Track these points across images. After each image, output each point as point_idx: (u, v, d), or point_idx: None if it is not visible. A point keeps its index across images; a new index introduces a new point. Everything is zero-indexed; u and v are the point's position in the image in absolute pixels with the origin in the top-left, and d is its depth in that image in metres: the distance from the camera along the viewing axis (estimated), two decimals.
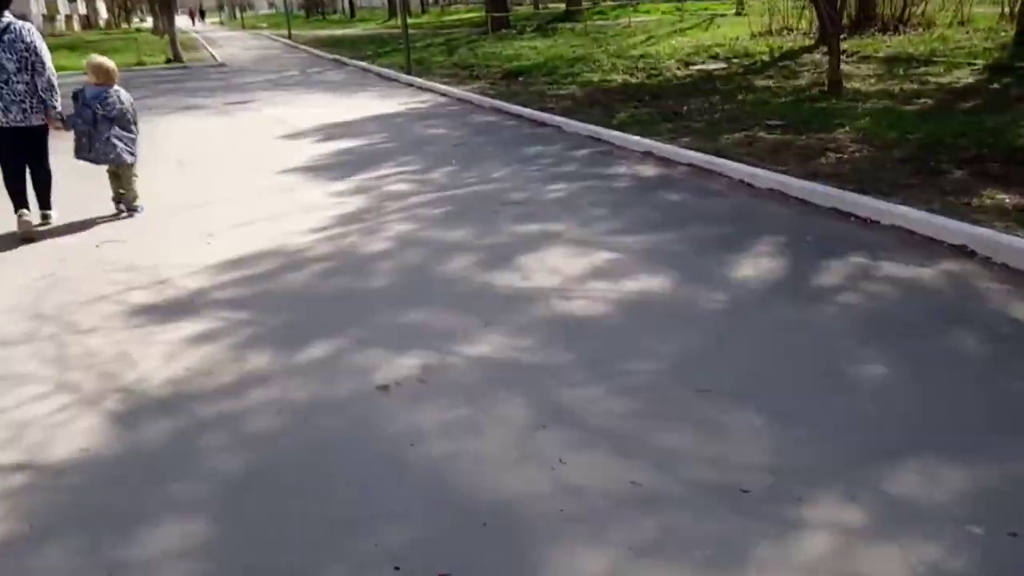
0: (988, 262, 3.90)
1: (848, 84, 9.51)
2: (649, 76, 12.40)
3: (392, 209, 5.59)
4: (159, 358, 3.28)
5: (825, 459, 2.32)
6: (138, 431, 2.69)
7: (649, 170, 6.39)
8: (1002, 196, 4.72)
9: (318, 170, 7.05)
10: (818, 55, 12.92)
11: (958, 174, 5.30)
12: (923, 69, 10.51)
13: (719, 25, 20.81)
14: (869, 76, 10.27)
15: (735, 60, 13.49)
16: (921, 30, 14.62)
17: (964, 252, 4.04)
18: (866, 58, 12.19)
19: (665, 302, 3.66)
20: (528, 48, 18.57)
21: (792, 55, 13.40)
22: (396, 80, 15.07)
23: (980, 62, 10.50)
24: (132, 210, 5.71)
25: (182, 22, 66.22)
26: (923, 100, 8.28)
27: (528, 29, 24.03)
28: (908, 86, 9.21)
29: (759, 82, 10.63)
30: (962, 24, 14.80)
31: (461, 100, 11.59)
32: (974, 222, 4.25)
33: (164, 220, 5.57)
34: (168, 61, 20.18)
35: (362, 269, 4.34)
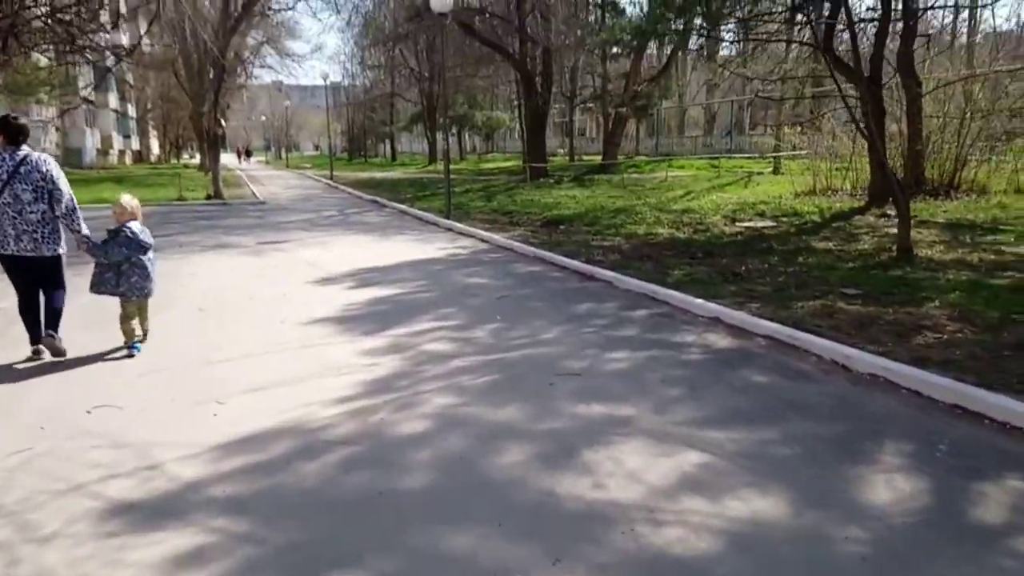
0: None
1: (916, 251, 8.92)
2: (696, 231, 11.98)
3: (430, 375, 4.87)
4: None
5: None
6: None
7: (721, 340, 5.66)
8: None
9: (348, 322, 6.43)
10: (871, 217, 12.49)
11: None
12: (991, 237, 9.93)
13: (757, 183, 20.75)
14: (935, 242, 9.68)
15: (784, 219, 13.10)
16: (975, 196, 14.23)
17: None
18: (924, 223, 11.68)
19: (787, 538, 2.80)
20: (567, 197, 18.55)
21: (843, 216, 13.00)
22: (435, 224, 14.87)
23: None
24: (134, 345, 5.56)
25: (229, 160, 69.62)
26: (1009, 273, 7.60)
27: (565, 179, 24.31)
28: (984, 256, 8.57)
29: (817, 243, 10.09)
30: (1018, 192, 14.39)
31: (502, 247, 11.18)
32: None
33: (171, 379, 4.89)
34: (209, 197, 20.47)
35: (392, 460, 3.55)
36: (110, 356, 5.43)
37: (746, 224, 12.68)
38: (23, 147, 5.10)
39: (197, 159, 53.53)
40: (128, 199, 5.59)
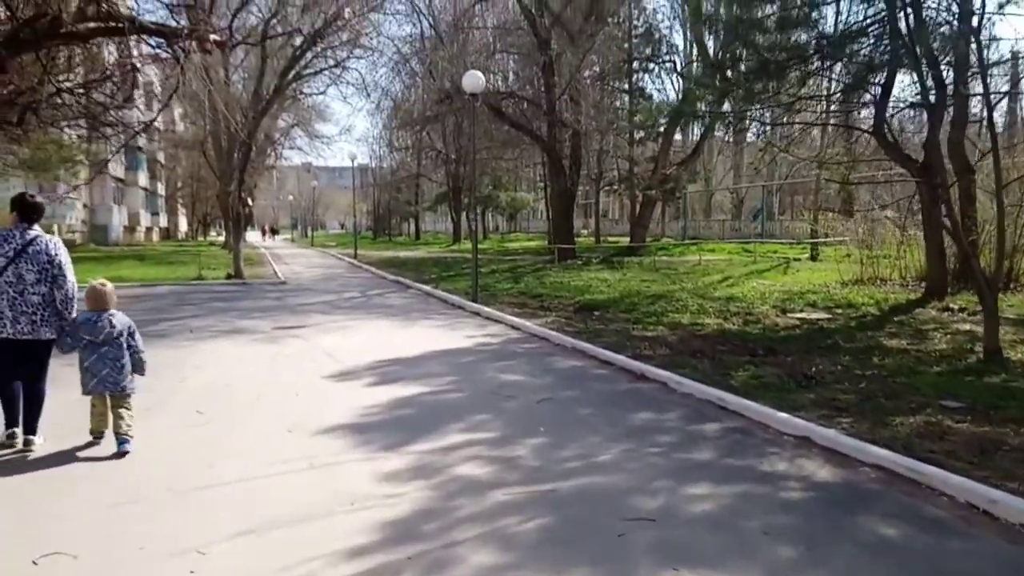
0: None
1: (1004, 352, 7.90)
2: (747, 322, 11.03)
3: (465, 514, 3.90)
4: None
5: None
6: None
7: (820, 469, 4.63)
8: None
9: (367, 431, 5.49)
10: (933, 311, 11.52)
11: None
12: None
13: (797, 269, 19.86)
14: (1016, 342, 8.65)
15: (838, 310, 12.14)
16: None
17: None
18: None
19: None
20: (597, 280, 17.74)
21: (902, 309, 12.03)
22: (461, 308, 14.06)
23: None
24: (123, 442, 4.99)
25: (255, 238, 70.23)
26: None
27: (594, 260, 23.59)
28: None
29: (887, 341, 9.07)
30: None
31: (536, 336, 10.27)
32: None
33: (148, 513, 3.96)
34: (229, 277, 19.91)
35: None
36: (87, 455, 4.56)
37: (799, 315, 11.74)
38: (35, 227, 5.06)
39: (223, 237, 53.79)
40: (101, 284, 5.21)
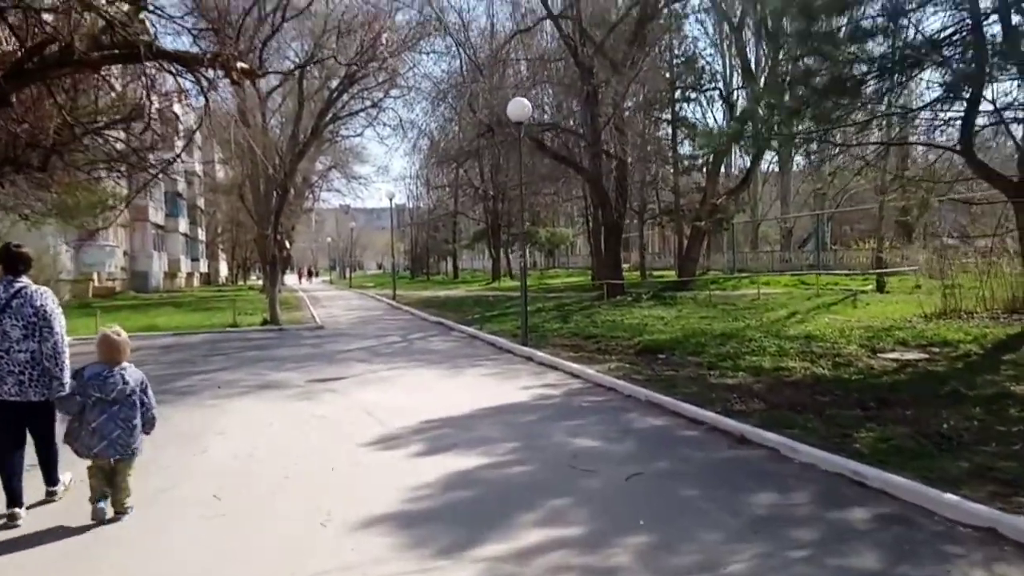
0: None
1: None
2: (837, 365, 9.72)
3: None
4: None
5: None
6: None
7: None
8: None
9: (417, 527, 4.36)
10: None
11: None
12: None
13: (866, 303, 18.34)
14: None
15: (934, 349, 10.78)
16: None
17: None
18: None
19: None
20: (653, 318, 16.50)
21: (1007, 346, 10.63)
22: (511, 352, 12.94)
23: None
24: (120, 513, 4.60)
25: (293, 280, 70.26)
26: None
27: (644, 296, 22.32)
28: None
29: (1015, 388, 7.72)
30: None
31: (601, 386, 9.09)
32: None
33: None
34: (264, 323, 19.10)
35: None
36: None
37: (892, 356, 10.41)
38: (23, 278, 4.71)
39: (263, 281, 53.67)
40: (116, 333, 4.70)
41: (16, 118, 8.53)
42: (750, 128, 12.07)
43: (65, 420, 4.67)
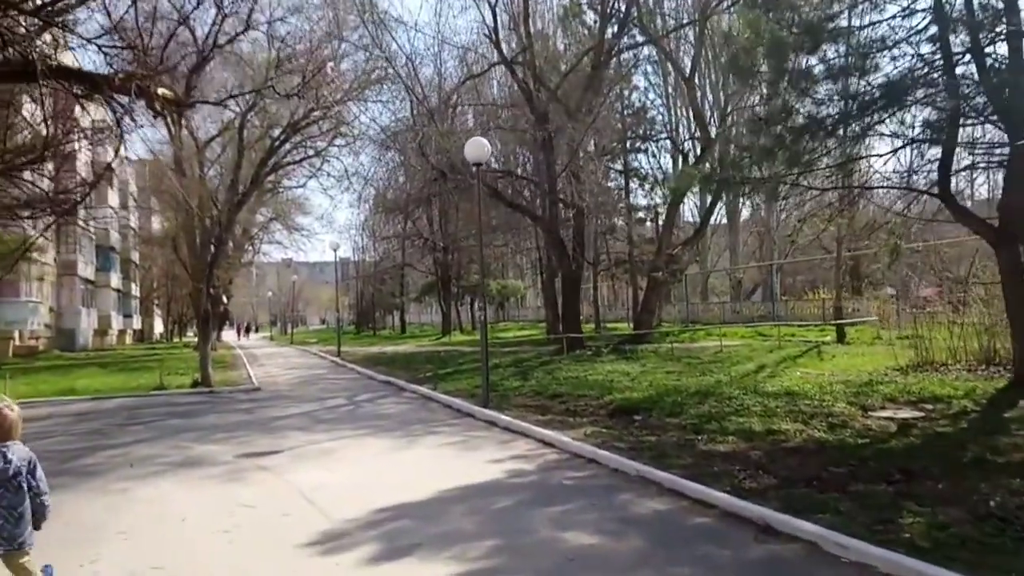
0: None
1: None
2: (832, 427, 8.82)
3: None
4: None
5: None
6: None
7: None
8: None
9: None
10: None
11: None
12: None
13: (832, 354, 17.72)
14: None
15: (927, 406, 10.04)
16: None
17: None
18: None
19: None
20: (618, 374, 15.51)
21: (999, 403, 9.98)
22: (471, 415, 11.71)
23: None
24: None
25: (231, 337, 67.41)
26: None
27: (604, 350, 21.38)
28: None
29: None
30: None
31: (580, 456, 7.94)
32: None
33: None
34: (194, 384, 17.41)
35: None
36: None
37: (885, 414, 9.61)
38: None
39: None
40: (7, 407, 4.02)
41: None
42: (723, 172, 11.35)
43: None
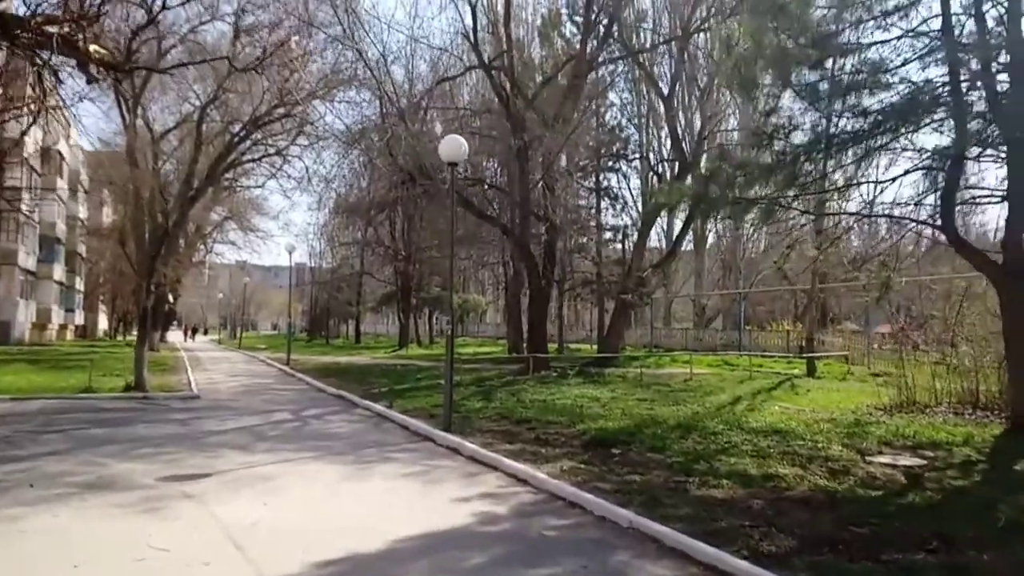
0: None
1: None
2: (833, 473, 8.00)
3: None
4: None
5: None
6: None
7: None
8: None
9: None
10: None
11: None
12: None
13: (807, 389, 17.06)
14: None
15: (926, 452, 9.35)
16: None
17: None
18: None
19: None
20: (587, 399, 14.57)
21: (1004, 450, 9.37)
22: (430, 439, 10.60)
23: None
24: None
25: (177, 337, 64.84)
26: None
27: (569, 372, 20.44)
28: None
29: None
30: None
31: (558, 498, 6.91)
32: None
33: None
34: (127, 388, 15.92)
35: None
36: None
37: (885, 460, 8.87)
38: None
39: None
40: None
41: None
42: (715, 189, 10.55)
43: None
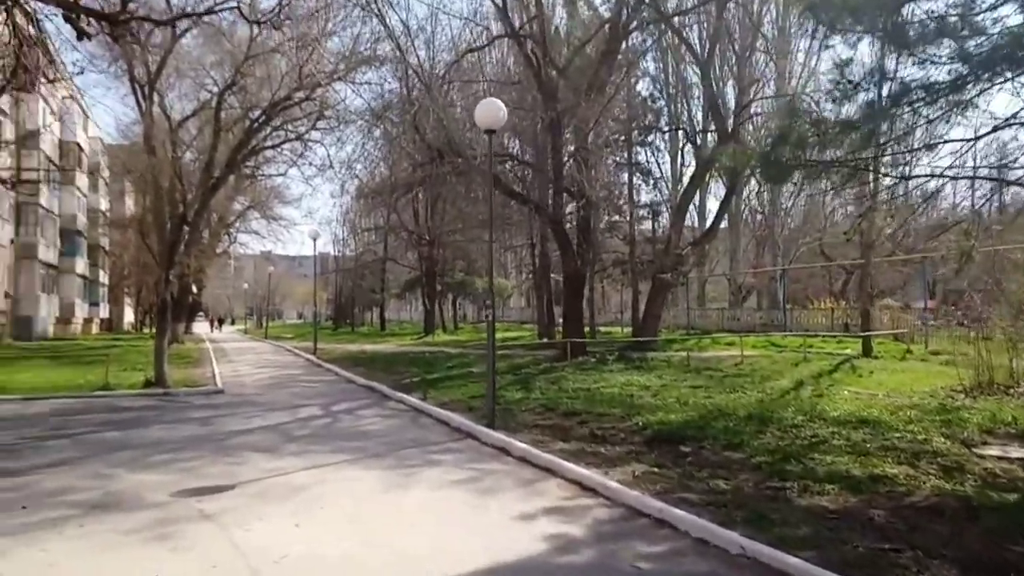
0: None
1: None
2: (946, 471, 6.88)
3: None
4: None
5: None
6: None
7: None
8: None
9: None
10: None
11: None
12: None
13: (869, 371, 15.81)
14: None
15: None
16: None
17: None
18: None
19: None
20: (636, 387, 13.52)
21: None
22: (474, 437, 9.58)
23: None
24: None
25: (203, 328, 64.56)
26: None
27: (609, 357, 19.33)
28: None
29: None
30: None
31: (639, 513, 5.82)
32: None
33: None
34: (147, 384, 15.08)
35: None
36: None
37: (993, 453, 7.81)
38: None
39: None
40: None
41: None
42: (786, 150, 9.33)
43: None
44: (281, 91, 23.87)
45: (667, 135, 31.36)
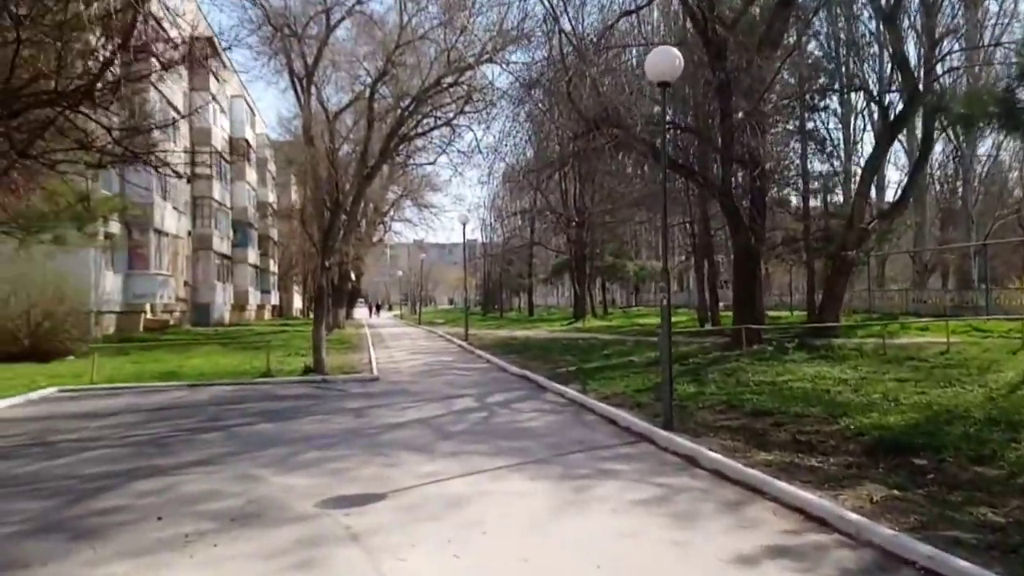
0: None
1: None
2: None
3: None
4: None
5: None
6: None
7: None
8: None
9: None
10: None
11: None
12: None
13: None
14: None
15: None
16: None
17: None
18: None
19: None
20: (831, 381, 11.74)
21: None
22: (649, 439, 8.31)
23: None
24: None
25: (363, 314, 67.20)
26: None
27: (787, 346, 17.30)
28: None
29: None
30: None
31: (896, 558, 4.35)
32: None
33: None
34: (306, 371, 15.01)
35: None
36: None
37: None
38: None
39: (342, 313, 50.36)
40: None
41: None
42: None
43: None
44: (430, 77, 23.65)
45: (841, 99, 28.21)
